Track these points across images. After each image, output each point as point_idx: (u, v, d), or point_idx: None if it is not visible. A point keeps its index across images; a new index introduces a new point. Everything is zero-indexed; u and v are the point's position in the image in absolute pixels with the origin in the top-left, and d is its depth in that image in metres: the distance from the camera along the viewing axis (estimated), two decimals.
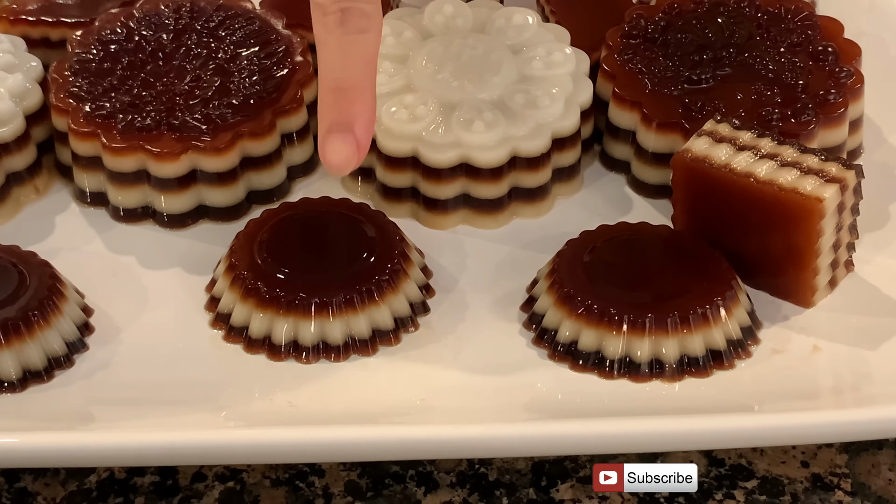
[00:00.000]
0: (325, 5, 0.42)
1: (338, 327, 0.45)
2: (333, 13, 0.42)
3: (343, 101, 0.42)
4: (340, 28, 0.42)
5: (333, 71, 0.42)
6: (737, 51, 0.52)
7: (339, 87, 0.42)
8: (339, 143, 0.42)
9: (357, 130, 0.42)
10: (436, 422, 0.42)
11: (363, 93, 0.42)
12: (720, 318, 0.44)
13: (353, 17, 0.42)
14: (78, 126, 0.50)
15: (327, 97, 0.42)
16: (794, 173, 0.45)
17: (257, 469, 0.44)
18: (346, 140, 0.42)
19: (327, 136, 0.42)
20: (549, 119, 0.50)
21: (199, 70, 0.51)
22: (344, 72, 0.42)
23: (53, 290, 0.45)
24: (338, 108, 0.42)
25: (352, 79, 0.42)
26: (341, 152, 0.42)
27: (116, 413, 0.43)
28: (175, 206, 0.50)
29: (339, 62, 0.42)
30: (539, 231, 0.50)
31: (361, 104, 0.42)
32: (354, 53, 0.42)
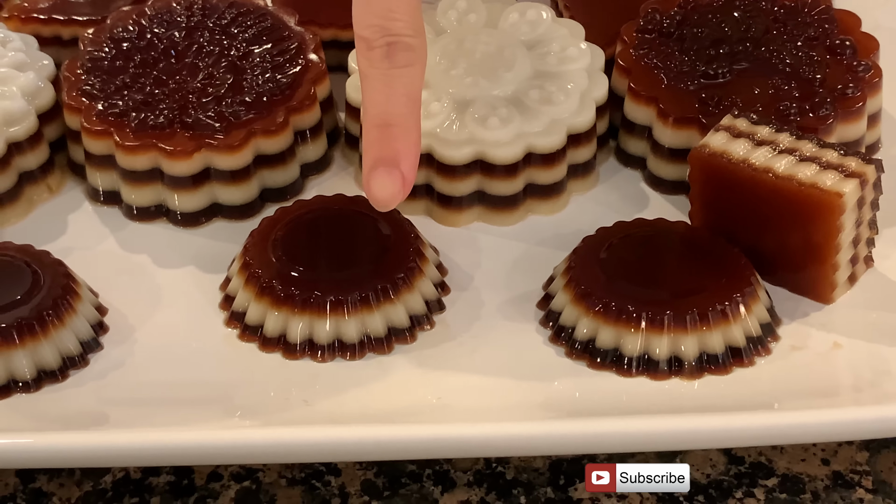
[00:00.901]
0: (370, 39, 0.42)
1: (353, 325, 0.45)
2: (379, 47, 0.42)
3: (388, 136, 0.42)
4: (386, 62, 0.42)
5: (378, 106, 0.42)
6: (753, 45, 0.51)
7: (384, 123, 0.42)
8: (385, 179, 0.42)
9: (402, 166, 0.42)
10: (452, 420, 0.42)
11: (409, 129, 0.42)
12: (739, 314, 0.44)
13: (398, 51, 0.42)
14: (91, 124, 0.50)
15: (372, 132, 0.42)
16: (813, 168, 0.45)
17: (273, 468, 0.44)
18: (392, 175, 0.42)
19: (373, 171, 0.42)
20: (564, 115, 0.49)
21: (212, 68, 0.51)
22: (389, 107, 0.42)
23: (67, 289, 0.45)
24: (383, 143, 0.42)
25: (397, 114, 0.42)
26: (387, 188, 0.42)
27: (131, 413, 0.43)
28: (188, 205, 0.50)
29: (384, 97, 0.42)
30: (554, 228, 0.49)
31: (406, 140, 0.42)
32: (400, 88, 0.43)
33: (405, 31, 0.42)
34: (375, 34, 0.42)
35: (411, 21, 0.43)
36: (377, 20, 0.42)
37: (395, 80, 0.42)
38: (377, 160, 0.42)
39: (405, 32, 0.42)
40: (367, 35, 0.42)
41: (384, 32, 0.42)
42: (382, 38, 0.42)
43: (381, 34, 0.42)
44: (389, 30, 0.42)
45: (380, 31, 0.42)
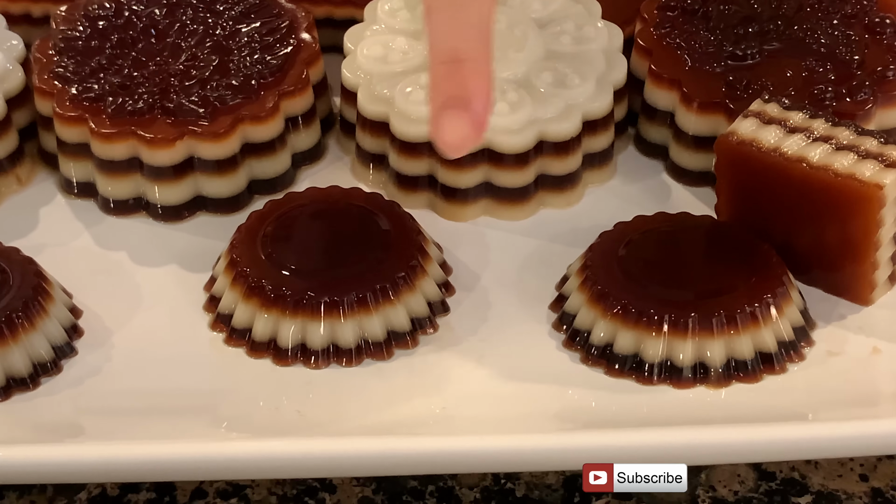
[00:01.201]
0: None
1: (350, 329, 0.44)
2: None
3: (459, 73, 0.41)
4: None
5: (447, 41, 0.41)
6: (785, 23, 0.51)
7: (454, 59, 0.41)
8: (456, 120, 0.41)
9: (475, 106, 0.41)
10: (457, 432, 0.42)
11: (481, 64, 0.41)
12: (770, 317, 0.44)
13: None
14: (64, 110, 0.50)
15: (441, 70, 0.41)
16: (850, 157, 0.45)
17: (262, 484, 0.44)
18: (464, 117, 0.41)
19: (442, 112, 0.41)
20: (579, 99, 0.49)
21: (196, 48, 0.51)
22: (459, 41, 0.41)
23: (38, 289, 0.45)
24: (453, 81, 0.41)
25: (468, 49, 0.41)
26: (458, 130, 0.41)
27: (108, 424, 0.43)
28: (170, 197, 0.50)
29: (453, 31, 0.41)
30: (569, 222, 0.49)
31: (479, 76, 0.41)
32: (470, 20, 0.42)
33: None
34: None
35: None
36: None
37: (465, 12, 0.42)
38: (447, 100, 0.41)
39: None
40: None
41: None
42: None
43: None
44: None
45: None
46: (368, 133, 0.51)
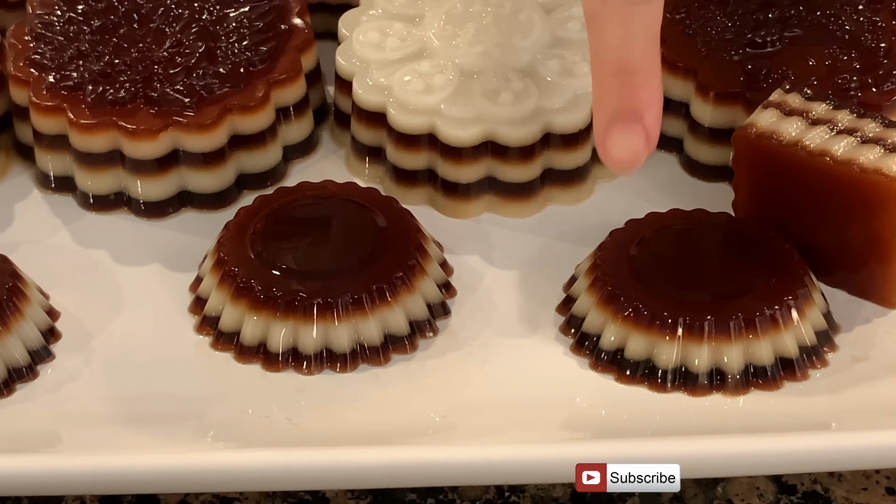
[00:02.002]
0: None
1: (344, 332, 0.45)
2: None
3: (629, 85, 0.41)
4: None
5: (615, 51, 0.42)
6: (808, 8, 0.51)
7: (624, 69, 0.41)
8: (628, 135, 0.41)
9: (647, 119, 0.41)
10: (459, 442, 0.42)
11: (651, 74, 0.42)
12: (791, 320, 0.44)
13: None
14: (40, 99, 0.50)
15: (609, 82, 0.42)
16: (876, 151, 0.45)
17: (252, 497, 0.44)
18: (636, 131, 0.41)
19: (611, 126, 0.41)
20: (587, 89, 0.49)
21: (181, 34, 0.51)
22: (628, 51, 0.41)
23: (13, 289, 0.45)
24: (623, 93, 0.41)
25: (638, 58, 0.42)
26: (629, 145, 0.41)
27: (88, 432, 0.43)
28: (154, 192, 0.50)
29: (622, 40, 0.42)
30: (577, 220, 0.49)
31: (650, 88, 0.42)
32: (638, 28, 0.42)
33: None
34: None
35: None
36: None
37: (633, 19, 0.42)
38: (617, 113, 0.41)
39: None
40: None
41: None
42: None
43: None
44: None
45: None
46: (364, 124, 0.51)
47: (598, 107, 0.42)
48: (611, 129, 0.41)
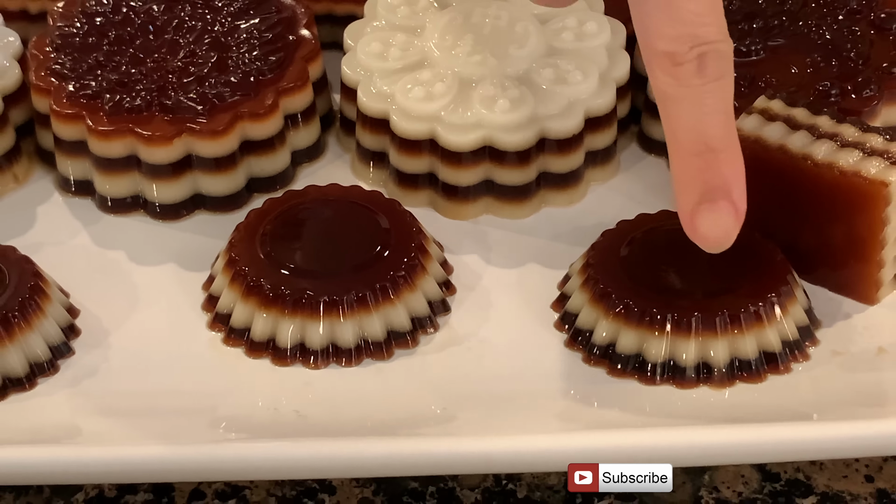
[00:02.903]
0: (676, 53, 0.39)
1: (349, 328, 0.44)
2: (689, 61, 0.39)
3: (714, 163, 0.40)
4: (698, 78, 0.39)
5: (694, 131, 0.40)
6: (790, 19, 0.51)
7: (707, 149, 0.40)
8: (720, 214, 0.39)
9: (734, 194, 0.40)
10: (458, 433, 0.42)
11: (734, 150, 0.40)
12: (775, 316, 0.44)
13: (710, 61, 0.39)
14: (61, 107, 0.49)
15: (692, 162, 0.40)
16: (856, 155, 0.44)
17: (262, 486, 0.43)
18: (727, 209, 0.40)
19: (701, 207, 0.40)
20: (581, 96, 0.49)
21: (194, 45, 0.51)
22: (708, 129, 0.40)
23: (35, 288, 0.45)
24: (709, 173, 0.40)
25: (718, 136, 0.40)
26: (721, 224, 0.40)
27: (106, 424, 0.43)
28: (168, 196, 0.49)
29: (699, 119, 0.40)
30: (571, 221, 0.49)
31: (734, 164, 0.40)
32: (716, 104, 0.40)
33: (717, 35, 0.40)
34: (684, 45, 0.39)
35: (720, 22, 0.40)
36: (686, 28, 0.39)
37: (709, 97, 0.40)
38: (706, 192, 0.40)
39: (717, 38, 0.40)
40: (674, 49, 0.39)
41: (695, 42, 0.39)
42: (693, 50, 0.39)
43: (692, 44, 0.39)
44: (700, 37, 0.39)
45: (690, 40, 0.39)
46: (368, 130, 0.50)
47: (682, 187, 0.40)
48: (699, 209, 0.40)
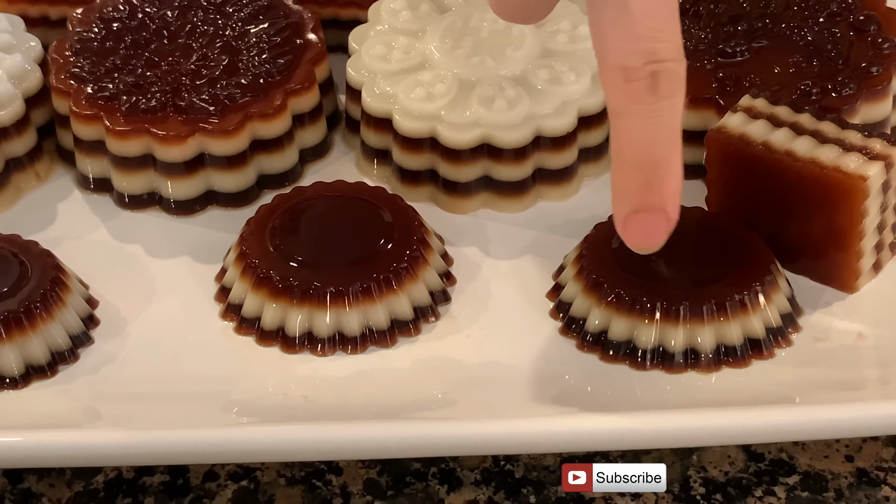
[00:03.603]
0: (631, 69, 0.37)
1: (354, 318, 0.44)
2: (643, 78, 0.37)
3: (656, 180, 0.38)
4: (651, 95, 0.37)
5: (642, 147, 0.38)
6: (773, 21, 0.51)
7: (651, 165, 0.38)
8: (652, 225, 0.39)
9: (669, 207, 0.38)
10: (459, 417, 0.42)
11: (676, 167, 0.38)
12: (759, 304, 0.44)
13: (664, 80, 0.37)
14: (80, 108, 0.49)
15: (635, 176, 0.38)
16: (835, 150, 0.44)
17: (272, 467, 0.43)
18: (659, 220, 0.38)
19: (636, 216, 0.39)
20: (574, 96, 0.49)
21: (206, 48, 0.51)
22: (655, 147, 0.38)
23: (56, 280, 0.45)
24: (650, 189, 0.38)
25: (664, 154, 0.38)
26: (651, 233, 0.39)
27: (124, 409, 0.43)
28: (182, 192, 0.49)
29: (649, 136, 0.38)
30: (565, 214, 0.49)
31: (674, 181, 0.38)
32: (665, 123, 0.38)
33: (672, 54, 0.38)
34: (639, 60, 0.37)
35: (677, 40, 0.38)
36: (641, 43, 0.37)
37: (658, 115, 0.38)
38: (640, 205, 0.39)
39: (672, 56, 0.38)
40: (629, 63, 0.37)
41: (650, 58, 0.37)
42: (647, 67, 0.37)
43: (646, 60, 0.37)
44: (656, 54, 0.37)
45: (645, 56, 0.37)
46: (372, 129, 0.50)
47: (620, 195, 0.39)
48: (634, 217, 0.39)
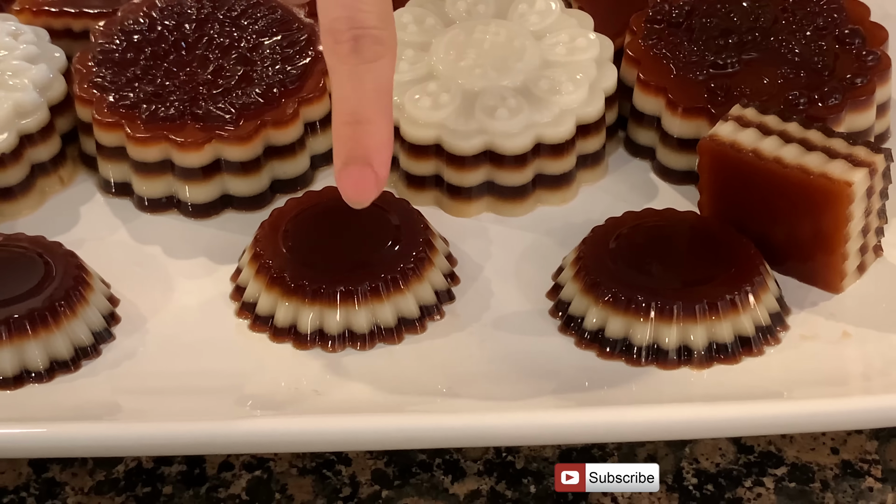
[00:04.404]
0: (336, 32, 0.40)
1: (363, 316, 0.44)
2: (346, 41, 0.40)
3: (359, 134, 0.40)
4: (354, 56, 0.40)
5: (347, 102, 0.41)
6: (762, 35, 0.51)
7: (355, 120, 0.40)
8: (357, 177, 0.40)
9: (375, 163, 0.40)
10: (462, 410, 0.42)
11: (380, 125, 0.41)
12: (749, 304, 0.44)
13: (366, 44, 0.40)
14: (102, 116, 0.50)
15: (342, 129, 0.41)
16: (822, 157, 0.44)
17: (284, 458, 0.43)
18: (364, 174, 0.40)
19: (344, 169, 0.40)
20: (573, 105, 0.49)
21: (222, 59, 0.51)
22: (359, 104, 0.40)
23: (80, 280, 0.45)
24: (354, 141, 0.40)
25: (367, 111, 0.40)
26: (361, 186, 0.40)
27: (143, 402, 0.43)
28: (199, 196, 0.50)
29: (354, 93, 0.40)
30: (564, 218, 0.49)
31: (378, 137, 0.41)
32: (369, 83, 0.40)
33: (373, 22, 0.40)
34: (342, 26, 0.40)
35: (379, 11, 0.41)
36: (343, 11, 0.40)
37: (364, 75, 0.40)
38: (348, 158, 0.40)
39: (373, 24, 0.40)
40: (334, 27, 0.40)
41: (351, 24, 0.40)
42: (349, 31, 0.40)
43: (349, 26, 0.40)
44: (358, 21, 0.40)
45: (347, 22, 0.40)
46: None
47: (336, 150, 0.41)
48: (344, 170, 0.40)
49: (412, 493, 0.42)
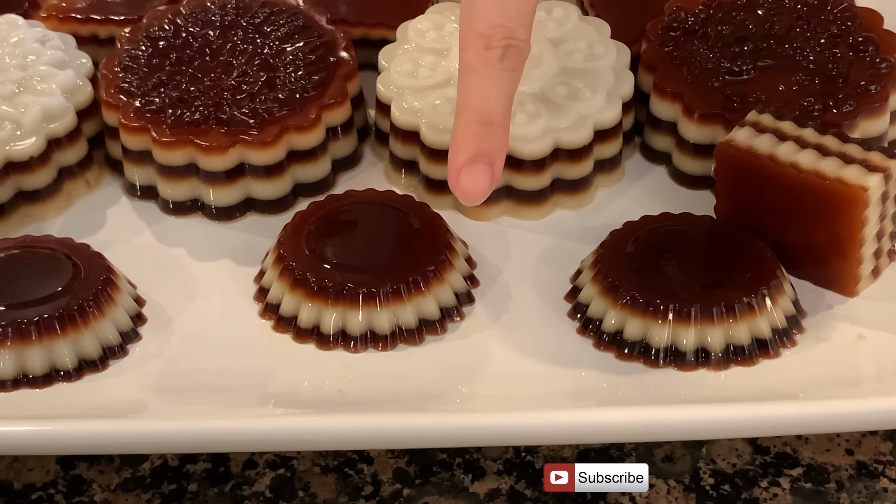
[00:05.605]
0: (491, 37, 0.42)
1: (385, 317, 0.44)
2: (498, 47, 0.42)
3: (490, 134, 0.42)
4: (500, 63, 0.42)
5: (485, 102, 0.42)
6: (777, 42, 0.51)
7: (489, 121, 0.42)
8: (481, 174, 0.42)
9: (496, 164, 0.42)
10: (482, 410, 0.42)
11: (506, 130, 0.43)
12: (765, 307, 0.44)
13: (514, 54, 0.43)
14: (128, 121, 0.50)
15: (474, 127, 0.42)
16: (837, 163, 0.44)
17: (307, 456, 0.44)
18: (487, 171, 0.42)
19: (469, 165, 0.42)
20: (590, 111, 0.49)
21: (246, 65, 0.51)
22: (495, 106, 0.43)
23: (107, 281, 0.45)
24: (485, 139, 0.42)
25: (500, 114, 0.43)
26: (480, 183, 0.42)
27: (169, 401, 0.43)
28: (223, 199, 0.50)
29: (492, 95, 0.43)
30: (581, 222, 0.49)
31: (504, 140, 0.43)
32: (507, 89, 0.43)
33: (524, 35, 0.43)
34: (499, 34, 0.42)
35: (529, 27, 0.43)
36: (506, 21, 0.43)
37: (504, 82, 0.43)
38: (476, 154, 0.42)
39: (524, 38, 0.43)
40: (490, 33, 0.42)
41: (507, 34, 0.42)
42: (504, 40, 0.42)
43: (504, 35, 0.42)
44: (513, 33, 0.43)
45: (504, 32, 0.42)
46: (400, 141, 0.51)
47: (458, 144, 0.42)
48: (469, 166, 0.42)
49: (433, 492, 0.43)
